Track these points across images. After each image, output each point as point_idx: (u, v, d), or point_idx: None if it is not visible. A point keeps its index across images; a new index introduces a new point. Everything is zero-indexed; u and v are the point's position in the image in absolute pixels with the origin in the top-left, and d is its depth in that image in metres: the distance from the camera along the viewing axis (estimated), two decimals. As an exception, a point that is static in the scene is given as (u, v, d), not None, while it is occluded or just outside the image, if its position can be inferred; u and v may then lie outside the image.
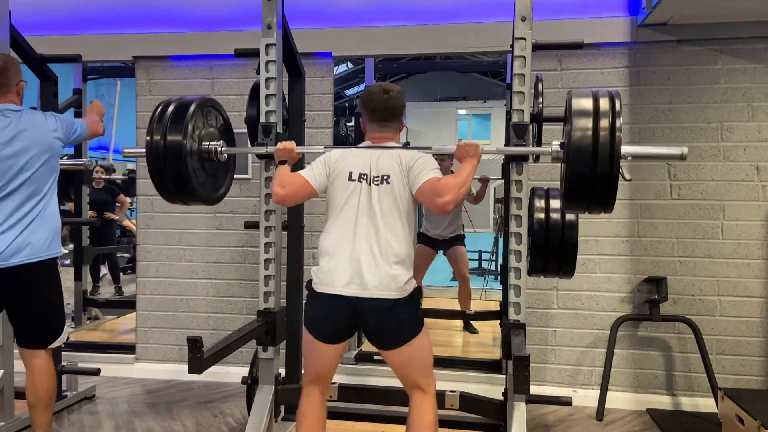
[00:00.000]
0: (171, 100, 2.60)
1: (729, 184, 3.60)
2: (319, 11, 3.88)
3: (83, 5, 4.16)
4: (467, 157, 2.29)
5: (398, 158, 2.26)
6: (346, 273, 2.14)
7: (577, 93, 2.25)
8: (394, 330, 2.17)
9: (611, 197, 2.17)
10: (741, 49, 3.56)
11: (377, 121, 2.37)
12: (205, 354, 2.23)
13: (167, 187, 2.57)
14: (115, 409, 3.57)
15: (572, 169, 2.16)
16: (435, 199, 2.13)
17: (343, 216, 2.22)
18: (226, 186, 2.90)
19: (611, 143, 2.10)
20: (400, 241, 2.19)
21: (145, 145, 2.52)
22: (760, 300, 3.58)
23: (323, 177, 2.30)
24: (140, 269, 4.25)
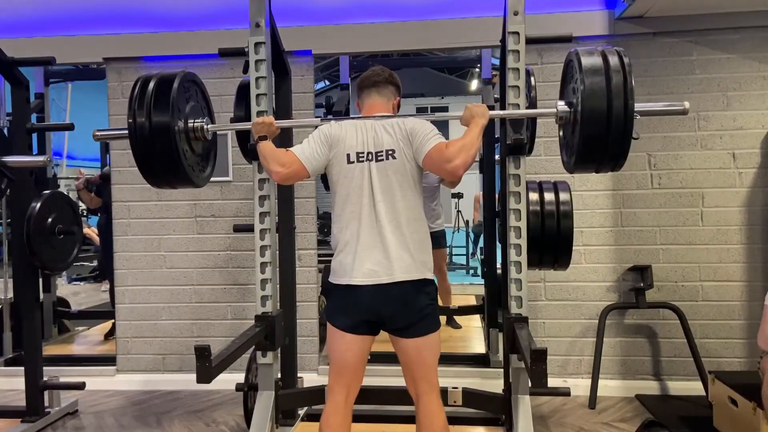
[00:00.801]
0: (150, 76, 2.44)
1: (707, 172, 3.70)
2: (299, 9, 3.81)
3: (49, 6, 4.00)
4: (475, 117, 2.21)
5: (397, 128, 2.18)
6: (368, 262, 2.11)
7: (584, 51, 2.24)
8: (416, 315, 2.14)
9: (624, 155, 2.17)
10: (715, 39, 3.66)
11: (366, 88, 2.33)
12: (213, 363, 2.16)
13: (155, 171, 2.43)
14: (101, 423, 3.45)
15: (586, 128, 2.14)
16: (444, 165, 2.06)
17: (352, 201, 2.16)
18: (211, 167, 2.78)
19: (625, 101, 2.09)
20: (414, 220, 2.17)
21: (127, 126, 2.36)
22: (739, 284, 3.69)
23: (321, 158, 2.21)
24: (119, 278, 4.12)
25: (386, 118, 2.24)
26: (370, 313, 2.14)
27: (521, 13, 2.66)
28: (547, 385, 2.04)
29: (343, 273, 2.16)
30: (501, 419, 3.04)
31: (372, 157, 2.16)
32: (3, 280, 4.55)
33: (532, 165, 3.73)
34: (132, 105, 2.37)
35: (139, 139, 2.36)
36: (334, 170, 2.21)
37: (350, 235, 2.16)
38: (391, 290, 2.10)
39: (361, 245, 2.13)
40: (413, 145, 2.16)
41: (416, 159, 2.17)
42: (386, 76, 2.34)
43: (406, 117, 2.23)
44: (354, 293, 2.13)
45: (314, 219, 4.01)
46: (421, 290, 2.15)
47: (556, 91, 3.72)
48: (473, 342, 5.05)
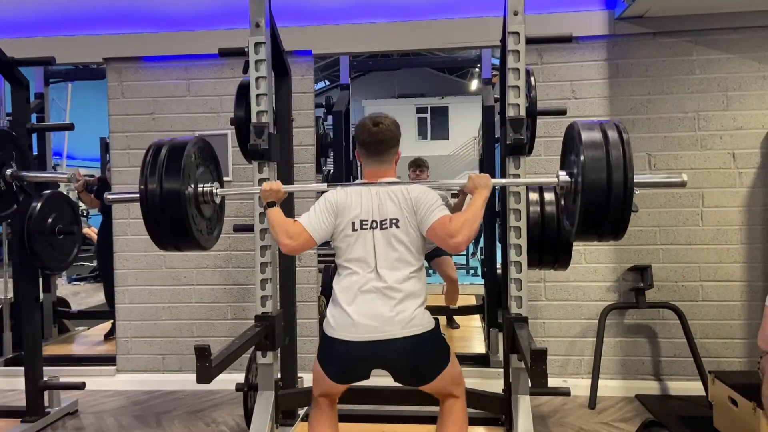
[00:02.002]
0: (162, 143, 2.47)
1: (707, 172, 3.70)
2: (299, 9, 3.82)
3: (49, 6, 4.00)
4: (479, 188, 2.23)
5: (402, 197, 2.20)
6: (364, 318, 2.08)
7: (584, 125, 2.28)
8: (422, 368, 2.14)
9: (624, 227, 2.20)
10: (715, 39, 3.66)
11: (370, 155, 2.31)
12: (213, 363, 2.16)
13: (164, 235, 2.44)
14: (101, 424, 3.45)
15: (586, 199, 2.17)
16: (447, 240, 2.09)
17: (355, 264, 2.17)
18: (219, 228, 2.78)
19: (624, 174, 2.13)
20: (415, 279, 2.16)
21: (139, 192, 2.39)
22: (739, 284, 3.69)
23: (327, 227, 2.23)
24: (119, 278, 4.12)
25: (391, 185, 2.26)
26: (366, 365, 2.13)
27: (521, 13, 2.65)
28: (547, 385, 2.04)
29: (338, 327, 2.12)
30: (501, 419, 3.03)
31: (376, 225, 2.19)
32: (3, 280, 4.55)
33: (532, 165, 3.73)
34: (144, 171, 2.39)
35: (150, 205, 2.38)
36: (339, 237, 2.23)
37: (349, 291, 2.14)
38: (391, 345, 2.07)
39: (360, 302, 2.11)
40: (417, 215, 2.18)
41: (420, 229, 2.19)
42: (391, 138, 2.30)
43: (411, 184, 2.26)
44: (349, 348, 2.10)
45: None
46: (425, 342, 2.12)
47: (556, 91, 3.77)
48: (473, 342, 5.05)
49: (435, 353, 2.17)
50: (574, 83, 3.77)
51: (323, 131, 5.05)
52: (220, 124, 3.99)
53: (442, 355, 2.20)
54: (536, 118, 2.85)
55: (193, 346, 2.15)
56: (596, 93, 3.75)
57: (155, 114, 4.06)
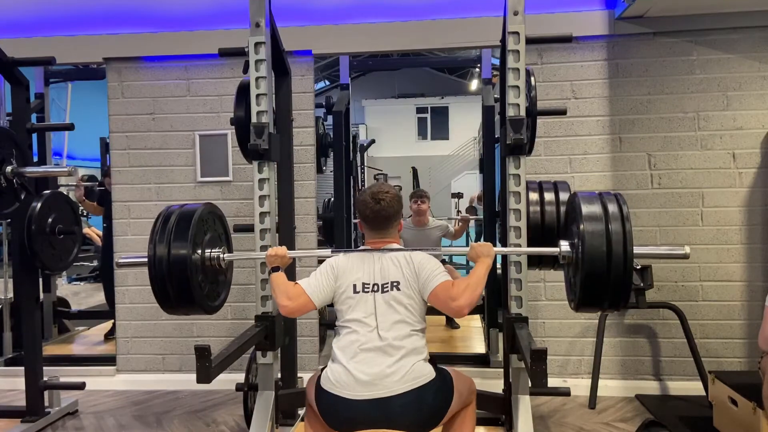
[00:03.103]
0: (172, 210, 2.49)
1: (707, 172, 3.70)
2: (299, 9, 3.82)
3: (49, 6, 4.00)
4: (481, 257, 2.23)
5: (404, 261, 2.21)
6: (364, 375, 2.03)
7: (584, 198, 2.28)
8: (429, 419, 2.10)
9: (626, 299, 2.21)
10: (715, 39, 3.66)
11: (372, 229, 2.33)
12: (213, 363, 2.16)
13: (170, 300, 2.45)
14: (101, 424, 3.45)
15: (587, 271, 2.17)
16: (450, 303, 2.09)
17: (355, 324, 2.15)
18: (225, 292, 2.78)
19: (624, 247, 2.14)
20: (416, 339, 2.14)
21: (147, 257, 2.41)
22: (739, 284, 3.69)
23: (328, 291, 2.23)
24: (118, 278, 4.12)
25: (394, 252, 2.26)
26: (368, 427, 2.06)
27: (521, 13, 2.65)
28: (547, 385, 2.04)
29: (337, 383, 2.07)
30: (501, 419, 3.03)
31: (378, 288, 2.18)
32: (3, 280, 4.55)
33: (532, 165, 3.73)
34: (153, 237, 2.43)
35: (158, 271, 2.40)
36: (340, 299, 2.22)
37: (348, 349, 2.11)
38: (390, 404, 2.02)
39: (360, 359, 2.07)
40: (419, 280, 2.18)
41: (422, 294, 2.18)
42: (393, 214, 2.31)
43: (413, 251, 2.26)
44: (348, 407, 2.05)
45: (314, 219, 4.01)
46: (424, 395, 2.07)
47: (556, 91, 3.77)
48: (473, 342, 5.05)
49: (439, 400, 2.12)
50: (574, 83, 3.77)
51: (323, 131, 5.05)
52: (220, 124, 3.99)
53: (447, 397, 2.14)
54: (536, 118, 2.84)
55: (193, 346, 2.15)
56: (596, 93, 3.75)
57: (155, 114, 4.06)
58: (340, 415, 2.08)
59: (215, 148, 4.00)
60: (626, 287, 2.19)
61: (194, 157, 4.02)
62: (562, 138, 3.77)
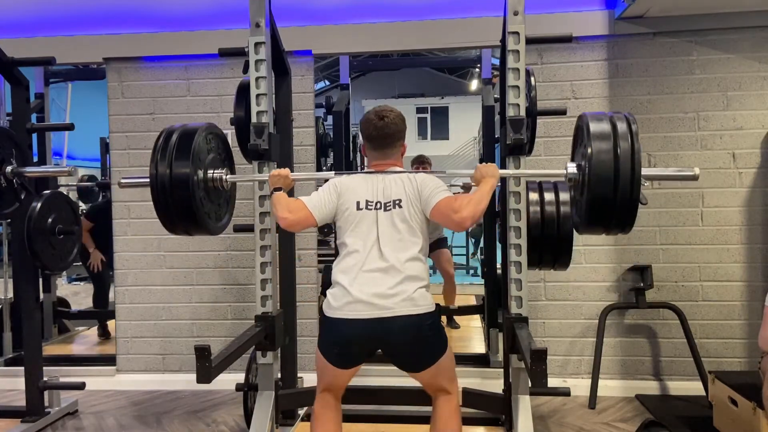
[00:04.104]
0: (174, 128, 2.51)
1: (707, 172, 3.69)
2: (299, 9, 3.82)
3: (49, 6, 4.00)
4: (486, 176, 2.24)
5: (407, 181, 2.23)
6: (364, 296, 2.07)
7: (593, 117, 2.26)
8: (421, 351, 2.14)
9: (631, 220, 2.20)
10: (715, 39, 3.66)
11: (376, 148, 2.33)
12: (213, 363, 2.16)
13: (172, 219, 2.47)
14: (101, 424, 3.45)
15: (594, 192, 2.17)
16: (452, 215, 2.08)
17: (357, 244, 2.17)
18: (228, 214, 2.81)
19: (632, 167, 2.12)
20: (417, 261, 2.16)
21: (149, 176, 2.42)
22: (739, 284, 3.69)
23: (330, 207, 2.25)
24: (118, 278, 4.12)
25: (397, 173, 2.28)
26: (366, 345, 2.13)
27: (521, 13, 2.66)
28: (547, 385, 2.04)
29: (338, 306, 2.11)
30: (501, 419, 3.04)
31: (380, 206, 2.20)
32: (3, 280, 4.55)
33: (532, 165, 3.72)
34: (155, 156, 2.43)
35: (160, 189, 2.41)
36: (342, 216, 2.24)
37: (349, 270, 2.14)
38: (391, 324, 2.06)
39: (361, 279, 2.10)
40: (422, 197, 2.19)
41: (424, 211, 2.19)
42: (396, 132, 2.31)
43: (416, 173, 2.27)
44: (349, 327, 2.09)
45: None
46: (425, 324, 2.11)
47: (556, 91, 3.77)
48: (473, 342, 5.05)
49: (434, 337, 2.15)
50: (574, 83, 3.77)
51: (323, 131, 5.05)
52: (220, 124, 3.89)
53: (440, 341, 2.19)
54: (536, 118, 2.86)
55: (193, 346, 2.16)
56: (596, 93, 3.75)
57: (155, 114, 4.06)
58: (341, 336, 2.12)
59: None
60: (633, 207, 2.17)
61: (194, 157, 4.02)
62: (562, 138, 3.76)
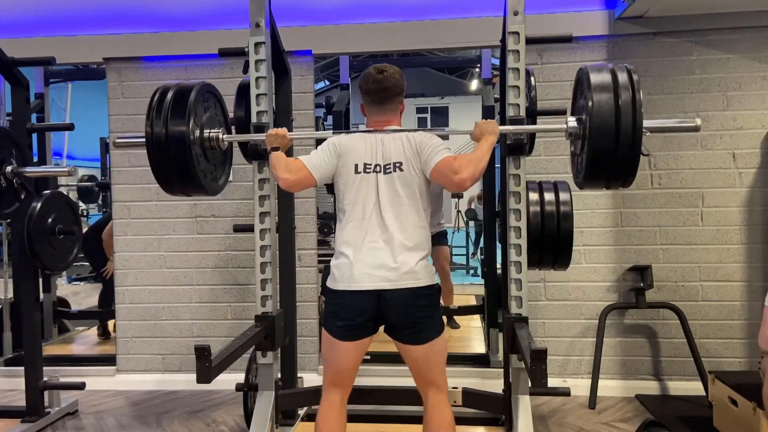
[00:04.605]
0: (169, 85, 2.49)
1: (707, 172, 3.69)
2: (299, 9, 3.82)
3: (49, 6, 4.00)
4: (485, 134, 2.23)
5: (406, 141, 2.21)
6: (367, 267, 2.10)
7: (594, 67, 2.24)
8: (419, 322, 2.14)
9: (633, 172, 2.18)
10: (715, 39, 3.66)
11: (374, 103, 2.32)
12: (213, 363, 2.16)
13: (169, 178, 2.46)
14: (101, 424, 3.45)
15: (594, 144, 2.14)
16: (451, 176, 2.08)
17: (357, 210, 2.17)
18: (225, 175, 2.83)
19: (633, 117, 2.09)
20: (419, 229, 2.17)
21: (145, 133, 2.41)
22: (739, 284, 3.69)
23: (329, 167, 2.24)
24: (118, 278, 4.12)
25: (395, 132, 2.26)
26: (370, 316, 2.14)
27: (521, 13, 2.65)
28: (547, 385, 2.04)
29: (342, 278, 2.14)
30: (501, 419, 3.04)
31: (380, 169, 2.19)
32: (3, 280, 4.55)
33: (532, 165, 3.73)
34: (150, 113, 2.41)
35: (155, 146, 2.40)
36: (341, 179, 2.23)
37: (353, 241, 2.16)
38: (392, 295, 2.10)
39: (364, 251, 2.13)
40: (421, 158, 2.18)
41: (424, 172, 2.19)
42: (395, 86, 2.30)
43: (415, 131, 2.25)
44: (353, 298, 2.12)
45: (314, 219, 4.01)
46: (424, 296, 2.14)
47: (556, 91, 3.77)
48: (473, 342, 5.04)
49: (431, 309, 2.17)
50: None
51: (323, 131, 5.04)
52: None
53: (437, 318, 2.20)
54: (536, 118, 2.85)
55: (193, 346, 2.15)
56: (596, 93, 3.74)
57: (155, 114, 4.05)
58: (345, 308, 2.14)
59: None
60: (634, 160, 2.16)
61: (194, 157, 4.02)
62: (563, 138, 3.73)
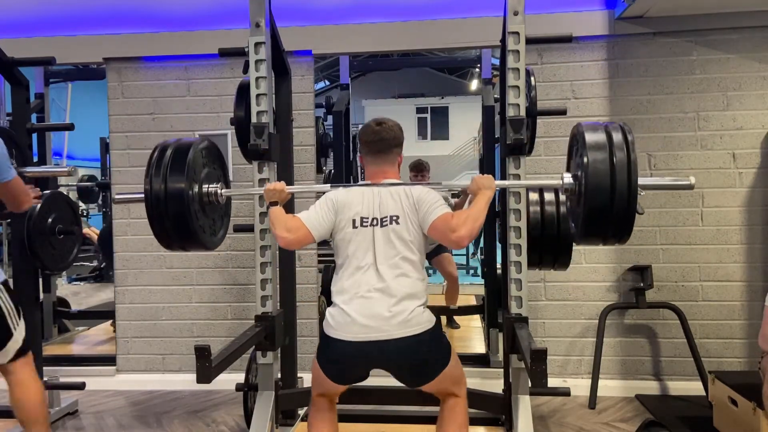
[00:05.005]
0: (168, 143, 2.49)
1: (707, 172, 3.69)
2: (299, 9, 3.82)
3: (49, 6, 4.00)
4: (482, 189, 2.24)
5: (404, 196, 2.21)
6: (362, 317, 2.06)
7: (589, 126, 2.27)
8: (421, 370, 2.13)
9: (629, 230, 2.20)
10: (715, 39, 3.66)
11: (372, 153, 2.33)
12: (213, 363, 2.16)
13: (168, 234, 2.45)
14: (101, 424, 3.45)
15: (590, 203, 2.16)
16: (449, 234, 2.08)
17: (354, 261, 2.16)
18: (224, 228, 2.79)
19: (629, 177, 2.12)
20: (416, 280, 2.15)
21: (144, 190, 2.41)
22: (739, 284, 3.69)
23: (327, 224, 2.24)
24: (118, 278, 4.12)
25: (393, 185, 2.27)
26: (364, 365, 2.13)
27: (521, 13, 2.66)
28: (547, 385, 2.04)
29: (337, 326, 2.10)
30: (501, 419, 3.04)
31: (377, 222, 2.19)
32: (3, 280, 4.54)
33: (532, 165, 3.73)
34: (149, 171, 2.41)
35: (154, 203, 2.39)
36: (339, 235, 2.23)
37: (348, 290, 2.13)
38: (387, 347, 2.05)
39: (359, 300, 2.09)
40: (419, 213, 2.18)
41: (422, 227, 2.19)
42: (393, 138, 2.32)
43: (413, 185, 2.26)
44: (347, 348, 2.08)
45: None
46: (424, 342, 2.09)
47: (556, 91, 3.77)
48: (473, 342, 5.05)
49: (434, 352, 2.14)
50: (574, 83, 3.77)
51: (323, 131, 5.05)
52: (220, 124, 3.99)
53: (442, 354, 2.17)
54: (536, 118, 2.85)
55: (193, 346, 2.16)
56: (596, 93, 3.75)
57: (155, 114, 4.06)
58: (338, 357, 2.12)
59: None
60: (630, 218, 2.17)
61: (194, 157, 4.02)
62: (562, 138, 3.76)
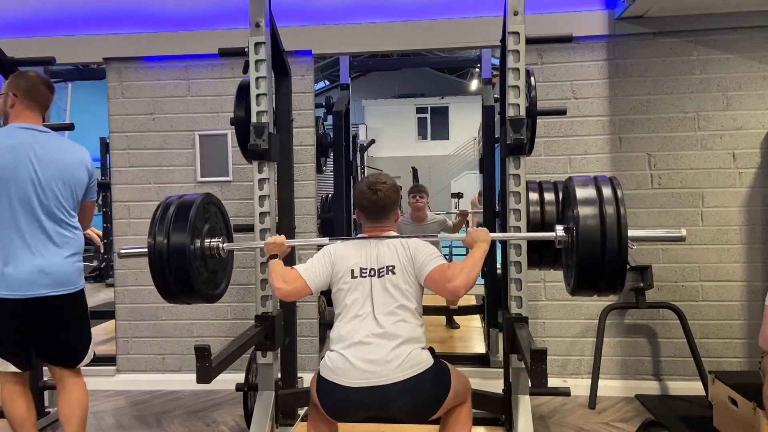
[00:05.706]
0: (171, 200, 2.51)
1: (707, 172, 3.69)
2: (299, 9, 3.82)
3: (49, 6, 4.00)
4: (478, 241, 2.25)
5: (401, 248, 2.24)
6: (363, 363, 2.05)
7: (579, 181, 2.30)
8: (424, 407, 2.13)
9: (621, 282, 2.22)
10: (715, 39, 3.66)
11: (370, 220, 2.35)
12: (213, 363, 2.16)
13: (169, 287, 2.46)
14: (101, 424, 3.46)
15: (582, 256, 2.19)
16: (446, 284, 2.10)
17: (352, 310, 2.17)
18: (226, 281, 2.80)
19: (618, 230, 2.14)
20: (414, 326, 2.16)
21: (147, 245, 2.43)
22: (739, 284, 3.69)
23: (324, 276, 2.26)
24: (118, 278, 4.12)
25: (390, 239, 2.29)
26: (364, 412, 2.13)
27: (521, 13, 2.66)
28: (547, 385, 2.04)
29: (336, 371, 2.09)
30: (501, 419, 3.04)
31: (374, 273, 2.21)
32: (3, 280, 4.54)
33: (532, 165, 3.73)
34: (152, 228, 2.44)
35: (157, 259, 2.41)
36: (337, 285, 2.25)
37: (346, 336, 2.13)
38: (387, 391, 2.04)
39: (357, 347, 2.09)
40: (415, 264, 2.21)
41: (418, 278, 2.21)
42: (390, 204, 2.33)
43: (409, 238, 2.28)
44: (346, 394, 2.07)
45: (314, 219, 4.01)
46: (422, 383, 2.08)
47: (556, 91, 3.77)
48: (473, 342, 5.05)
49: (436, 389, 2.13)
50: (574, 83, 3.77)
51: (323, 131, 5.05)
52: (220, 124, 3.99)
53: (443, 387, 2.16)
54: (536, 118, 2.85)
55: (193, 346, 2.16)
56: (596, 93, 3.75)
57: (155, 114, 4.06)
58: (338, 401, 2.11)
59: (215, 148, 4.00)
60: (621, 270, 2.20)
61: (194, 157, 4.03)
62: (562, 138, 3.77)
